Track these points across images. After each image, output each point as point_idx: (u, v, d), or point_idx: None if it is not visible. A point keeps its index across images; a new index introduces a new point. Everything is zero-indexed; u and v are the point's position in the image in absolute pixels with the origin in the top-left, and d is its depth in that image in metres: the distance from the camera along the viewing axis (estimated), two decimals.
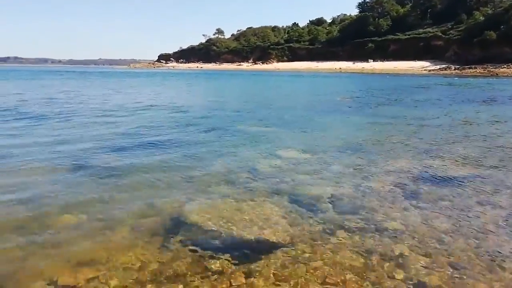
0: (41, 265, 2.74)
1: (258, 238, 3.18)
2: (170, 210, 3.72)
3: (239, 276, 2.63)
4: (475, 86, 25.28)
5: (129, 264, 2.75)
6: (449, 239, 3.18)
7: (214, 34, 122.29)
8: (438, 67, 59.00)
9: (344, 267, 2.76)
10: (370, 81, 34.64)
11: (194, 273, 2.66)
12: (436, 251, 2.98)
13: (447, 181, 4.72)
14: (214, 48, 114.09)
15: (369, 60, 74.49)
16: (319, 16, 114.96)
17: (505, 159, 5.81)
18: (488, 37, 55.85)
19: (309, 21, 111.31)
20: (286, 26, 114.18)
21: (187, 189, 4.34)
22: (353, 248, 3.02)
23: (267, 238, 3.18)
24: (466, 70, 51.13)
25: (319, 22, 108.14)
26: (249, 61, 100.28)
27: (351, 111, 12.55)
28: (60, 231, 3.27)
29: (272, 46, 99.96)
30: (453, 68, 54.75)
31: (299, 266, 2.75)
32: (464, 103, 14.83)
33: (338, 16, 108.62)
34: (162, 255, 2.89)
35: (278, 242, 3.12)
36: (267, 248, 3.02)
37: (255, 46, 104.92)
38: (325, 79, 40.33)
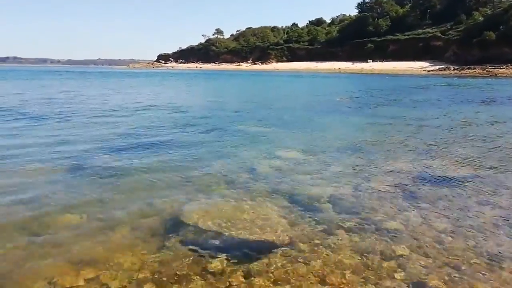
0: (41, 265, 2.74)
1: (258, 238, 3.18)
2: (170, 210, 3.72)
3: (239, 276, 2.63)
4: (474, 87, 25.31)
5: (129, 264, 2.75)
6: (449, 239, 3.19)
7: (213, 34, 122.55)
8: (437, 67, 59.04)
9: (344, 267, 2.76)
10: (369, 82, 34.66)
11: (194, 273, 2.67)
12: (436, 251, 2.99)
13: (446, 181, 4.73)
14: (213, 48, 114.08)
15: (368, 60, 74.45)
16: (319, 17, 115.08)
17: (504, 160, 5.82)
18: (487, 37, 55.89)
19: (309, 21, 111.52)
20: (286, 27, 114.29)
21: (187, 189, 4.34)
22: (353, 248, 3.02)
23: (267, 238, 3.18)
24: (465, 71, 51.17)
25: (319, 22, 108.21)
26: (248, 61, 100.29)
27: (351, 111, 12.56)
28: (60, 231, 3.27)
29: (271, 47, 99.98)
30: (452, 69, 54.78)
31: (299, 266, 2.76)
32: (463, 104, 14.85)
33: (338, 16, 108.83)
34: (162, 255, 2.90)
35: (278, 242, 3.12)
36: (267, 248, 3.03)
37: (254, 46, 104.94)
38: (324, 80, 40.35)
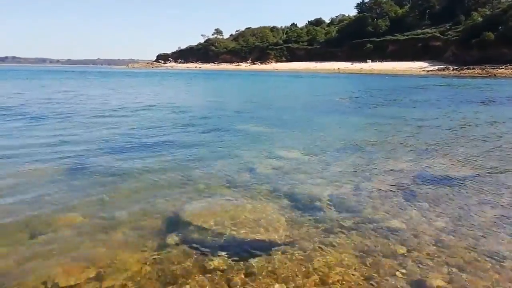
0: (43, 264, 2.74)
1: (258, 238, 3.18)
2: (171, 210, 3.72)
3: (239, 276, 2.63)
4: (473, 87, 25.34)
5: (131, 263, 2.75)
6: (450, 238, 3.19)
7: (212, 34, 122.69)
8: (436, 67, 59.10)
9: (345, 266, 2.76)
10: (369, 82, 34.68)
11: (194, 273, 2.66)
12: (436, 251, 2.99)
13: (447, 180, 4.73)
14: (213, 48, 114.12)
15: (368, 60, 74.50)
16: (318, 17, 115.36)
17: (504, 160, 5.83)
18: (486, 38, 55.99)
19: (308, 21, 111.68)
20: (285, 27, 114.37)
21: (188, 188, 4.34)
22: (353, 248, 3.02)
23: (267, 237, 3.18)
24: (464, 71, 51.22)
25: (318, 22, 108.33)
26: (248, 61, 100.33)
27: (350, 111, 12.57)
28: (62, 231, 3.26)
29: (270, 47, 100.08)
30: (452, 69, 54.84)
31: (299, 266, 2.76)
32: (462, 104, 14.86)
33: (337, 16, 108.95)
34: (163, 254, 2.89)
35: (279, 241, 3.12)
36: (267, 247, 3.03)
37: (253, 46, 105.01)
38: (323, 80, 40.37)
